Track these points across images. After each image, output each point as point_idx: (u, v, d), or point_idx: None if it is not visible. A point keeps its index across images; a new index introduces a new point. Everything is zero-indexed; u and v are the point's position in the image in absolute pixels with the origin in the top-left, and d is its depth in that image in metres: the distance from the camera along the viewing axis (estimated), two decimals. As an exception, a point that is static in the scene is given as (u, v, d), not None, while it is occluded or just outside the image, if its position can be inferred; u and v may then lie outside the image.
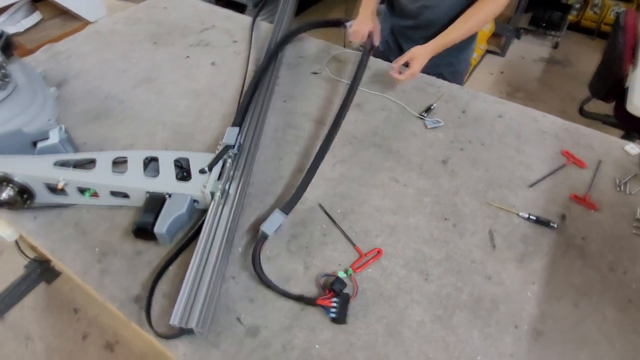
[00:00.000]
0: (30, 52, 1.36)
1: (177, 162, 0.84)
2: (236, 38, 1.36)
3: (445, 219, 0.82)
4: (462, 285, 0.72)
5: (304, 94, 1.12)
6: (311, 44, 1.32)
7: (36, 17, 2.48)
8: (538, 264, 0.75)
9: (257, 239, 0.74)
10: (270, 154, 0.95)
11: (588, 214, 0.83)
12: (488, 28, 2.48)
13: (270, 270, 0.73)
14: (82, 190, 0.81)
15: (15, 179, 0.79)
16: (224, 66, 1.23)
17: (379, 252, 0.75)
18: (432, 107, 1.06)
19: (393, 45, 1.33)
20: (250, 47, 1.28)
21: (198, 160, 0.83)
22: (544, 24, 2.86)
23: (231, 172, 0.81)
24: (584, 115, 1.79)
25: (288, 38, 1.21)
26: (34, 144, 0.90)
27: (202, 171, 0.81)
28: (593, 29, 3.01)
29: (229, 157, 0.83)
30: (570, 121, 1.03)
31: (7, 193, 0.78)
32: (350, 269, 0.72)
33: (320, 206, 0.83)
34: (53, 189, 0.81)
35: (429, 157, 0.94)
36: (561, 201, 0.85)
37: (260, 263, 0.71)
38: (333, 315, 0.66)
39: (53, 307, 1.49)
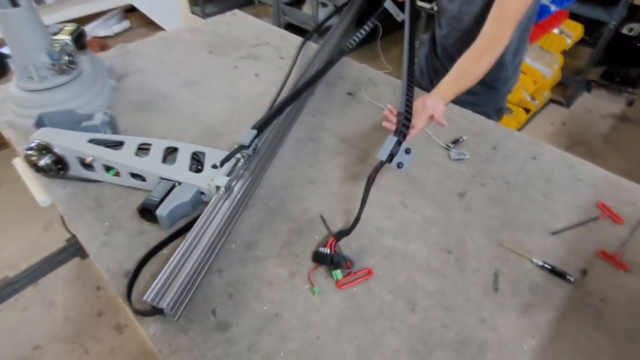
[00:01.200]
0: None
1: (195, 156, 0.89)
2: (284, 55, 1.43)
3: (449, 251, 0.77)
4: (450, 322, 0.66)
5: (334, 112, 1.14)
6: (353, 66, 1.35)
7: (126, 24, 2.80)
8: (543, 317, 0.67)
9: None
10: (286, 163, 0.97)
11: (614, 273, 0.74)
12: (552, 75, 2.37)
13: (254, 270, 0.73)
14: (107, 168, 0.88)
15: (55, 150, 0.87)
16: (265, 78, 1.30)
17: (369, 272, 0.72)
18: (460, 140, 1.02)
19: (426, 72, 1.34)
20: (293, 65, 1.34)
21: (214, 156, 0.87)
22: (618, 79, 2.67)
23: (241, 172, 0.84)
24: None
25: (331, 64, 1.25)
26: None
27: (214, 166, 0.84)
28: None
29: (243, 157, 0.86)
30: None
31: (45, 161, 0.87)
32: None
33: (322, 218, 0.83)
34: (84, 164, 0.88)
35: (446, 188, 0.90)
36: (585, 255, 0.77)
37: (370, 186, 0.75)
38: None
39: (80, 281, 1.60)
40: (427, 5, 2.49)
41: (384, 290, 0.70)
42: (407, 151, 0.76)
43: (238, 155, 0.86)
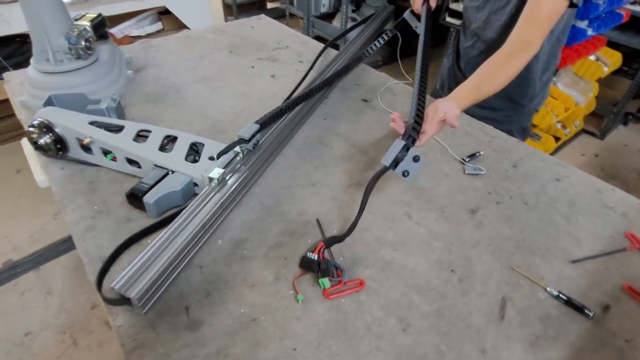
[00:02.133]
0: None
1: (194, 146, 0.85)
2: (303, 59, 1.41)
3: (452, 270, 0.70)
4: (445, 349, 0.59)
5: (346, 117, 1.09)
6: (371, 74, 1.31)
7: (158, 26, 2.87)
8: (555, 353, 0.59)
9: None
10: (289, 163, 0.92)
11: (643, 313, 0.65)
12: (585, 103, 2.25)
13: (238, 270, 0.68)
14: (105, 153, 0.86)
15: (56, 129, 0.86)
16: (281, 80, 1.27)
17: (361, 283, 0.66)
18: (477, 154, 0.95)
19: (447, 85, 1.28)
20: (310, 68, 1.31)
21: (213, 148, 0.83)
22: (659, 114, 2.52)
23: (238, 166, 0.80)
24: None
25: (347, 69, 1.21)
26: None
27: (210, 158, 0.81)
28: None
29: (242, 151, 0.82)
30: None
31: (45, 140, 0.85)
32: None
33: (318, 221, 0.77)
34: (82, 146, 0.87)
35: (456, 203, 0.83)
36: (609, 289, 0.68)
37: (369, 192, 0.70)
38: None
39: (80, 271, 1.58)
40: (456, 22, 2.44)
41: (375, 305, 0.64)
42: (416, 159, 0.70)
43: (237, 149, 0.82)
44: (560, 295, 0.65)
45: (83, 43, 1.06)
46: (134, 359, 0.55)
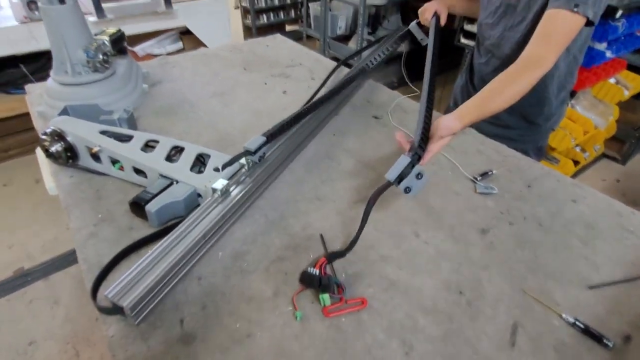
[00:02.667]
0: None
1: (200, 158, 0.85)
2: (315, 76, 1.41)
3: (460, 292, 0.66)
4: (451, 375, 0.55)
5: (356, 133, 1.08)
6: (383, 92, 1.31)
7: (179, 45, 2.96)
8: (570, 387, 0.54)
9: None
10: (296, 177, 0.91)
11: (669, 346, 0.59)
12: (605, 127, 2.19)
13: (237, 283, 0.66)
14: (113, 162, 0.87)
15: (68, 138, 0.88)
16: (293, 95, 1.28)
17: (362, 302, 0.63)
18: (490, 173, 0.92)
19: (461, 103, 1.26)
20: (322, 85, 1.31)
21: (218, 160, 0.83)
22: (684, 139, 2.43)
23: (242, 178, 0.79)
24: None
25: (351, 80, 1.21)
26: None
27: (215, 169, 0.81)
28: None
29: (248, 163, 0.81)
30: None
31: (56, 147, 0.87)
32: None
33: (321, 236, 0.75)
34: (92, 154, 0.88)
35: (467, 222, 0.80)
36: (629, 318, 0.63)
37: (371, 206, 0.68)
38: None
39: (88, 281, 1.58)
40: (471, 43, 2.44)
41: (377, 325, 0.60)
42: (419, 176, 0.68)
43: (242, 161, 0.81)
44: (577, 322, 0.61)
45: (101, 56, 1.10)
46: (122, 372, 0.53)
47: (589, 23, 0.83)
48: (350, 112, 1.19)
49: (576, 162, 2.29)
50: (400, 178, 0.66)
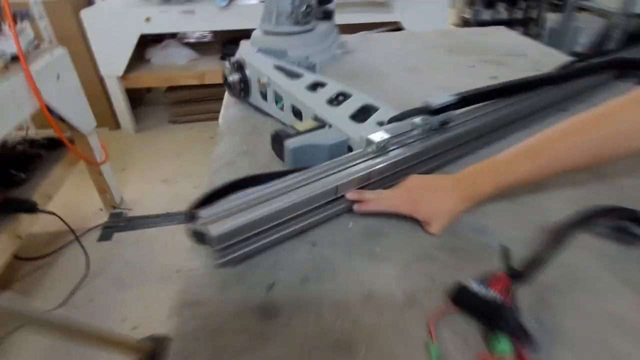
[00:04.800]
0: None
1: (365, 108, 0.69)
2: (540, 68, 1.08)
3: None
4: None
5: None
6: None
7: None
8: None
9: None
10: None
11: None
12: None
13: (358, 267, 0.46)
14: (276, 101, 0.79)
15: (246, 71, 0.85)
16: (500, 79, 0.99)
17: None
18: None
19: None
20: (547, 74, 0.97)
21: (386, 115, 0.65)
22: None
23: (411, 140, 0.58)
24: None
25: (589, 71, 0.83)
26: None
27: (380, 123, 0.62)
28: None
29: (423, 125, 0.60)
30: None
31: (234, 77, 0.85)
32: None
33: (504, 248, 0.47)
34: (261, 91, 0.83)
35: None
36: None
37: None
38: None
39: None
40: None
41: None
42: None
43: (417, 121, 0.60)
44: None
45: (304, 7, 1.06)
46: (176, 313, 0.40)
47: None
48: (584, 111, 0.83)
49: None
50: None
